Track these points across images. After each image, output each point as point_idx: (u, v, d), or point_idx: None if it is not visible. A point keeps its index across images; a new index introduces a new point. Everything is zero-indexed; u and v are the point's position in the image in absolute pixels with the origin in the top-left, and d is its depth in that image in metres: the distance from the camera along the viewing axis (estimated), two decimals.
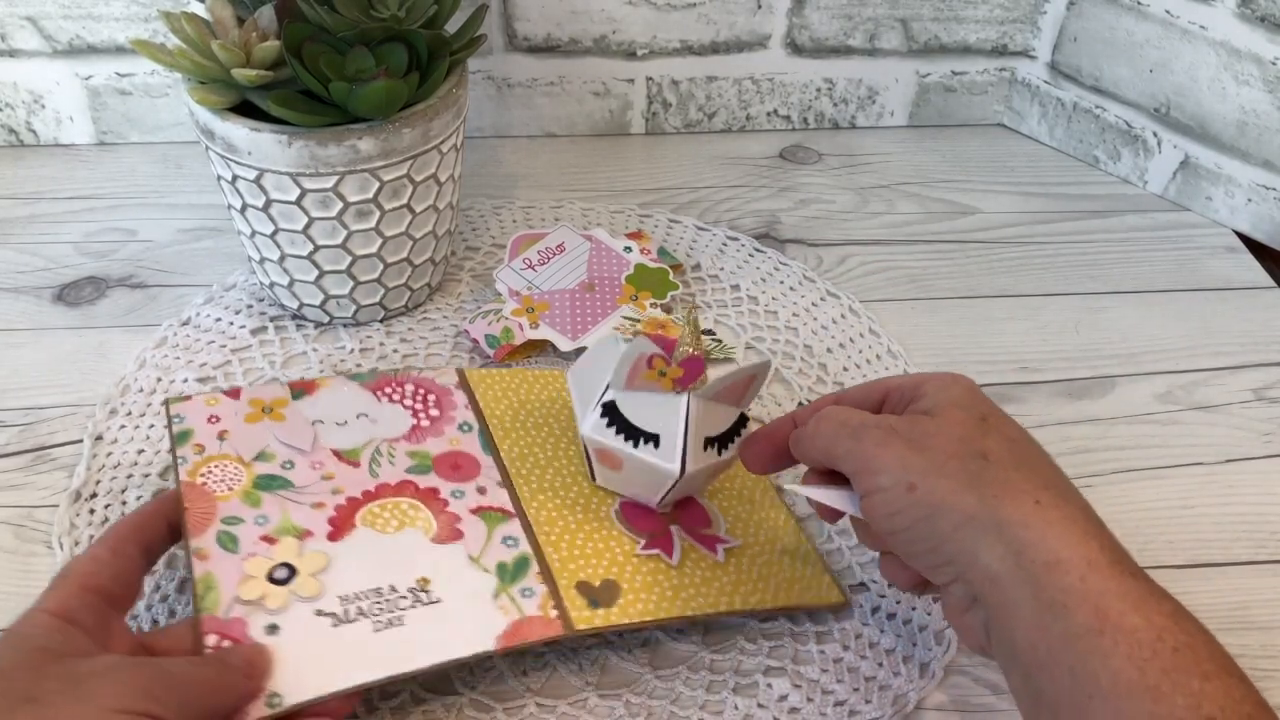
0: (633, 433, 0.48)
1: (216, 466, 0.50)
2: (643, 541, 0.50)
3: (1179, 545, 0.54)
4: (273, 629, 0.44)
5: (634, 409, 0.48)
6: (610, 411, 0.49)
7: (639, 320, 0.47)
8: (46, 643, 0.39)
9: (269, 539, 0.47)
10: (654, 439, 0.48)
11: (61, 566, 0.43)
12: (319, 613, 0.44)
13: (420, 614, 0.45)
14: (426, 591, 0.46)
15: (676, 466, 0.48)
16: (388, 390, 0.55)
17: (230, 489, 0.49)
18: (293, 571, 0.46)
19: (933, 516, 0.39)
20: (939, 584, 0.41)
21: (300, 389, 0.55)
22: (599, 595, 0.47)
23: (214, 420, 0.52)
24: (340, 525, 0.48)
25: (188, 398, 0.53)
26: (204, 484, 0.49)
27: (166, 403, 0.53)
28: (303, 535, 0.47)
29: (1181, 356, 0.65)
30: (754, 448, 0.48)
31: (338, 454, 0.52)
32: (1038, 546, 0.37)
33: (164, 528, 0.46)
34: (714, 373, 0.48)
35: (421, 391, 0.56)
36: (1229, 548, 0.54)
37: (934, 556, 0.40)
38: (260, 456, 0.51)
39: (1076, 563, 0.37)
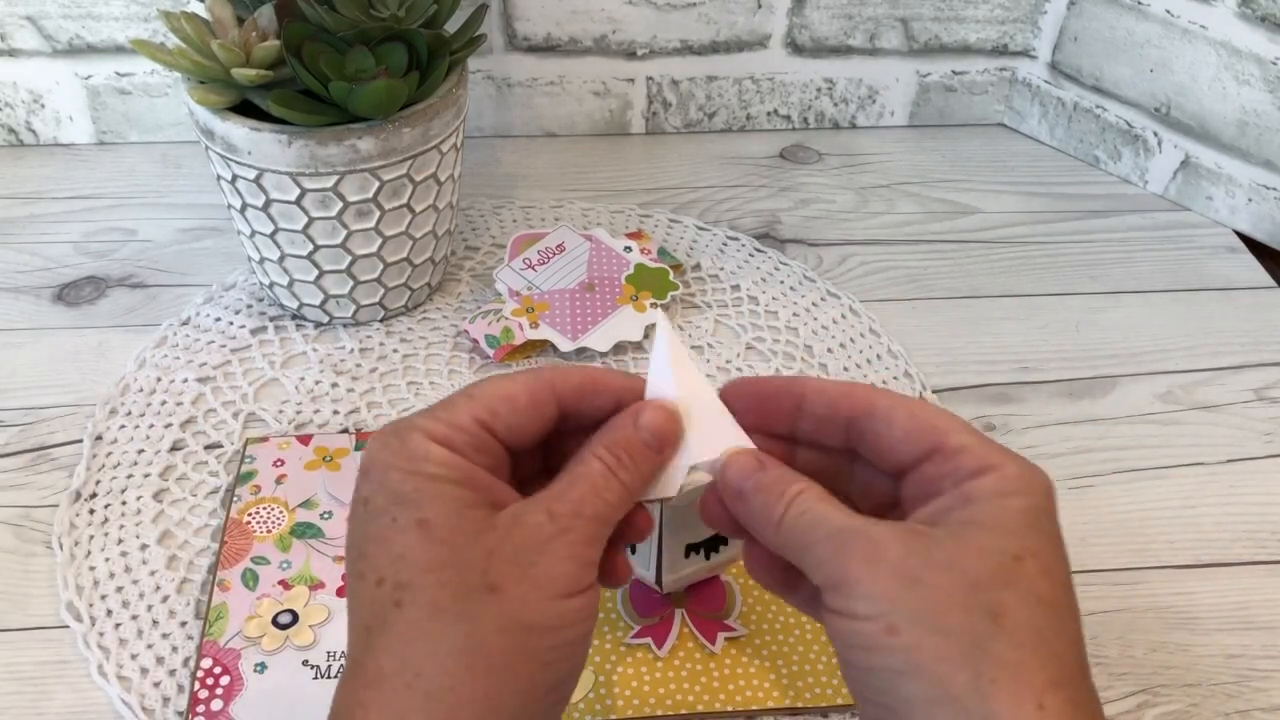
0: None
1: (264, 509, 0.53)
2: (635, 629, 0.48)
3: (1180, 545, 0.54)
4: (261, 667, 0.47)
5: None
6: None
7: None
8: (460, 493, 0.33)
9: (285, 584, 0.50)
10: (631, 544, 0.46)
11: (466, 387, 0.36)
12: (305, 663, 0.47)
13: None
14: None
15: (652, 575, 0.46)
16: None
17: (269, 531, 0.52)
18: (295, 618, 0.49)
19: (906, 676, 0.30)
20: None
21: (363, 440, 0.56)
22: None
23: (278, 464, 0.55)
24: None
25: (265, 439, 0.56)
26: (248, 524, 0.52)
27: (246, 441, 0.56)
28: (315, 586, 0.50)
29: (1182, 356, 0.65)
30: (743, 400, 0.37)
31: None
32: None
33: (608, 406, 0.37)
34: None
35: None
36: (1230, 547, 0.54)
37: (886, 716, 0.31)
38: (305, 504, 0.53)
39: None
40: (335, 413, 0.59)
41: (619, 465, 0.35)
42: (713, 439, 0.36)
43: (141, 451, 0.57)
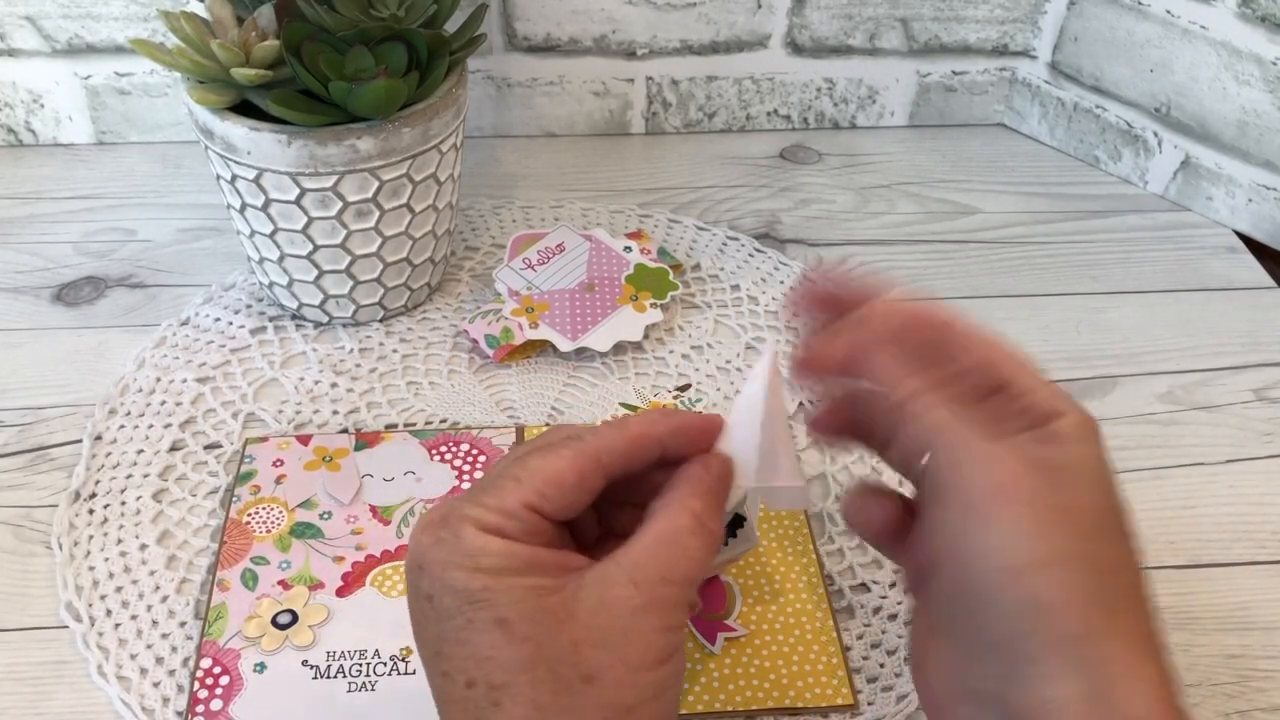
0: None
1: (264, 509, 0.53)
2: None
3: (1180, 545, 0.54)
4: (260, 667, 0.47)
5: None
6: None
7: (635, 409, 0.46)
8: (530, 582, 0.32)
9: (285, 584, 0.50)
10: None
11: (511, 466, 0.35)
12: (304, 663, 0.47)
13: (392, 684, 0.47)
14: (406, 661, 0.47)
15: None
16: (442, 449, 0.56)
17: (268, 531, 0.52)
18: (294, 618, 0.48)
19: (1033, 611, 0.31)
20: (965, 660, 0.33)
21: (363, 440, 0.56)
22: None
23: (278, 464, 0.55)
24: (351, 582, 0.50)
25: (264, 439, 0.56)
26: (248, 524, 0.52)
27: (245, 441, 0.56)
28: (314, 586, 0.50)
29: (1182, 356, 0.65)
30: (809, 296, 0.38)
31: (374, 509, 0.53)
32: (1129, 700, 0.30)
33: (654, 457, 0.37)
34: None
35: (475, 452, 0.56)
36: (1230, 548, 0.54)
37: (994, 645, 0.31)
38: (304, 504, 0.53)
39: None
40: (335, 413, 0.59)
41: (710, 514, 0.35)
42: (776, 470, 0.38)
43: (141, 452, 0.57)
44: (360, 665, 0.47)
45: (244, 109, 0.56)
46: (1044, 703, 0.31)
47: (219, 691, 0.46)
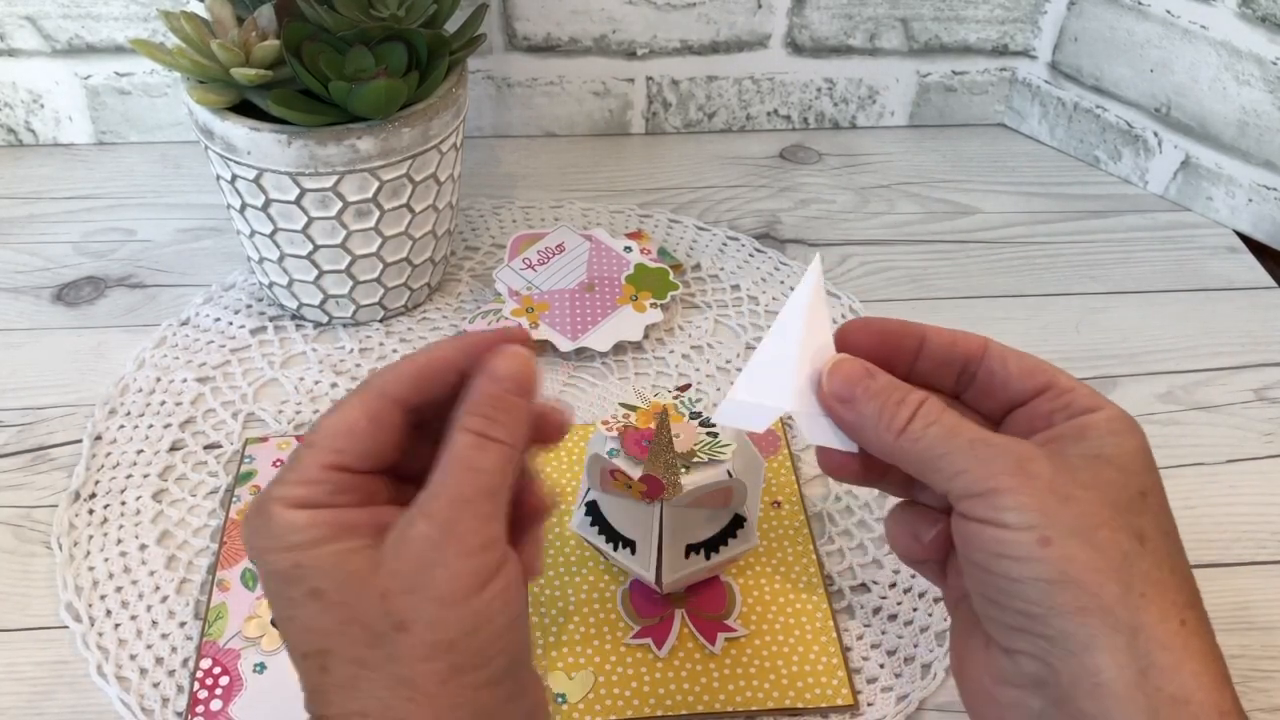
0: (612, 534, 0.47)
1: None
2: (635, 629, 0.49)
3: None
4: (260, 667, 0.47)
5: (613, 511, 0.47)
6: (593, 510, 0.48)
7: (635, 408, 0.46)
8: (336, 548, 0.32)
9: None
10: (631, 544, 0.47)
11: (306, 434, 0.34)
12: None
13: None
14: None
15: (651, 575, 0.46)
16: None
17: None
18: None
19: (1059, 585, 0.31)
20: (1005, 646, 0.34)
21: None
22: (569, 689, 0.46)
23: (278, 464, 0.55)
24: None
25: (264, 439, 0.56)
26: None
27: (245, 441, 0.56)
28: None
29: (1182, 356, 0.65)
30: (858, 337, 0.37)
31: None
32: (1171, 675, 0.31)
33: (453, 379, 0.35)
34: (697, 476, 0.44)
35: None
36: (1230, 548, 0.54)
37: (1029, 624, 0.32)
38: None
39: (1208, 710, 0.31)
40: None
41: (489, 424, 0.33)
42: (815, 397, 0.35)
43: (141, 452, 0.57)
44: None
45: (244, 109, 0.56)
46: (1090, 672, 0.31)
47: (219, 691, 0.46)
